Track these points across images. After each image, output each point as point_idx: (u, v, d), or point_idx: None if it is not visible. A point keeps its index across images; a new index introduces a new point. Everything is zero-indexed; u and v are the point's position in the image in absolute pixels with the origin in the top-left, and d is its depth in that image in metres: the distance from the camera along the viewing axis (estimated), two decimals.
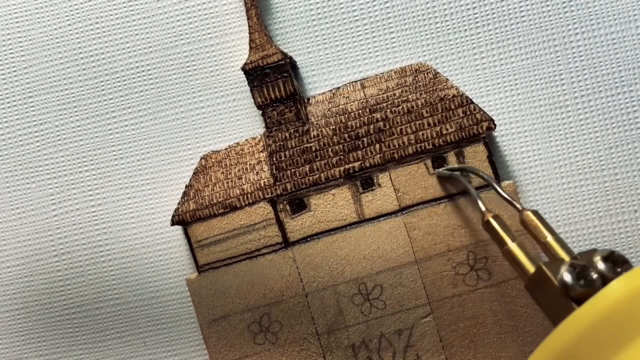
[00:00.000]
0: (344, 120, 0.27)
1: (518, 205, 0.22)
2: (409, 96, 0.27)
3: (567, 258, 0.20)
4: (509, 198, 0.23)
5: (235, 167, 0.27)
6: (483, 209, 0.23)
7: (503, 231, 0.22)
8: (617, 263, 0.19)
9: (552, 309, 0.19)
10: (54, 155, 0.29)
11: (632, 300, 0.18)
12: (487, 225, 0.22)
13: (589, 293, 0.18)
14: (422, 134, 0.26)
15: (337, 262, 0.27)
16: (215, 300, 0.27)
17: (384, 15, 0.28)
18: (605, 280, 0.19)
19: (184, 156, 0.28)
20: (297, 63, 0.28)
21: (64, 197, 0.29)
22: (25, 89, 0.29)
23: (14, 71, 0.29)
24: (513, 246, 0.21)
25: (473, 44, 0.28)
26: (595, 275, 0.19)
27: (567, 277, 0.19)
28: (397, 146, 0.27)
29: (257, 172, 0.27)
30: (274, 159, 0.27)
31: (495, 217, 0.22)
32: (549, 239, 0.21)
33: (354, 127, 0.27)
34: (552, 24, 0.27)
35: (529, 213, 0.22)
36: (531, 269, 0.21)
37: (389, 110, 0.27)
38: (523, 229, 0.22)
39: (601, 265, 0.19)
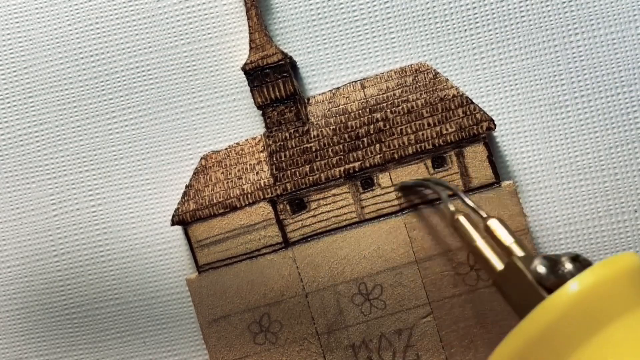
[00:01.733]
0: (344, 120, 0.27)
1: (482, 213, 0.23)
2: (409, 96, 0.27)
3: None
4: (474, 206, 0.23)
5: (235, 167, 0.27)
6: (452, 209, 0.23)
7: (471, 230, 0.23)
8: (583, 264, 0.20)
9: (521, 302, 0.20)
10: (54, 155, 0.29)
11: (608, 285, 0.18)
12: (455, 224, 0.23)
13: (561, 283, 0.19)
14: (422, 134, 0.26)
15: (337, 262, 0.27)
16: (215, 300, 0.27)
17: (384, 15, 0.28)
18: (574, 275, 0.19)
19: (184, 156, 0.28)
20: (297, 63, 0.28)
21: (64, 197, 0.29)
22: (25, 89, 0.29)
23: (14, 71, 0.29)
24: (481, 243, 0.22)
25: (473, 44, 0.28)
26: (567, 268, 0.19)
27: (541, 268, 0.20)
28: (397, 146, 0.27)
29: (257, 172, 0.27)
30: (274, 159, 0.27)
31: (466, 216, 0.23)
32: (513, 242, 0.22)
33: (354, 127, 0.27)
34: (552, 24, 0.27)
35: (494, 220, 0.22)
36: (499, 265, 0.21)
37: (389, 110, 0.27)
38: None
39: (569, 264, 0.19)
